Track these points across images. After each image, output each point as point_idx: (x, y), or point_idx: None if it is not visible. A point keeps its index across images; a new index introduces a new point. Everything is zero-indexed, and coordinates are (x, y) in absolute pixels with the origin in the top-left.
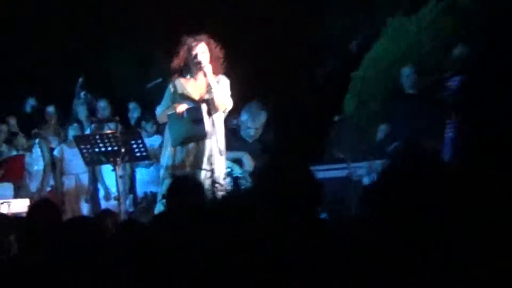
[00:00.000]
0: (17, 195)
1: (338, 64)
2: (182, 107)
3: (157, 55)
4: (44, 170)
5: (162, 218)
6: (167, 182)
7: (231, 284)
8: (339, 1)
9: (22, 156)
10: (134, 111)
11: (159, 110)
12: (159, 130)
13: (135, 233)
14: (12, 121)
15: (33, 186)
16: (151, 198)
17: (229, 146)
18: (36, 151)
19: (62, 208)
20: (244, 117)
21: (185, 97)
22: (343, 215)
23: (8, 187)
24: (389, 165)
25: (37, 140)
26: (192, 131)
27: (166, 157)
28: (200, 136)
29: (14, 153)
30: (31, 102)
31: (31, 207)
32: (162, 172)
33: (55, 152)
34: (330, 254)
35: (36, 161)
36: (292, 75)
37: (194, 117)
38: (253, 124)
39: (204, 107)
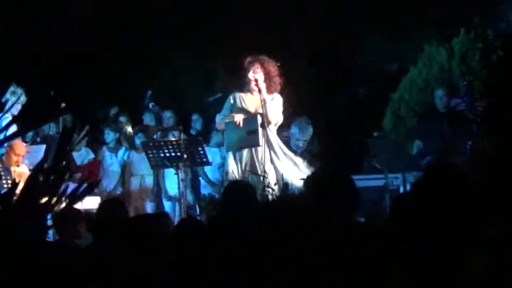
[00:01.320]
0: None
1: (379, 85)
2: (239, 117)
3: (220, 72)
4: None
5: (218, 217)
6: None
7: (277, 278)
8: (381, 27)
9: (98, 160)
10: (196, 122)
11: (218, 118)
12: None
13: (193, 229)
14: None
15: (106, 184)
16: (209, 200)
17: None
18: (121, 154)
19: (128, 206)
20: (294, 130)
21: (242, 109)
22: (378, 221)
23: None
24: (420, 178)
25: (124, 146)
26: (246, 140)
27: (225, 163)
28: (253, 145)
29: (91, 156)
30: (113, 111)
31: (102, 204)
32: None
33: (125, 156)
34: (363, 251)
35: (115, 163)
36: (337, 94)
37: (250, 128)
38: (302, 136)
39: (259, 119)
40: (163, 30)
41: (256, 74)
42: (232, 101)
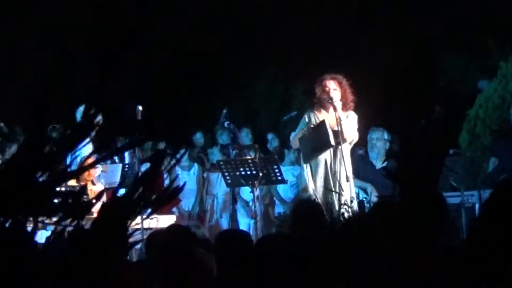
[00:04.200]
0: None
1: (455, 103)
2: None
3: (297, 91)
4: (197, 191)
5: (287, 236)
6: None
7: None
8: (457, 44)
9: (160, 174)
10: (272, 141)
11: (292, 135)
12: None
13: (274, 246)
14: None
15: (184, 203)
16: (283, 218)
17: (358, 175)
18: (194, 171)
19: (203, 225)
20: (369, 136)
21: None
22: (454, 239)
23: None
24: (491, 197)
25: (196, 163)
26: (316, 141)
27: (300, 180)
28: (324, 144)
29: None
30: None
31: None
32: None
33: (204, 174)
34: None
35: (191, 180)
36: (413, 111)
37: (319, 130)
38: (374, 134)
39: (327, 121)
40: (243, 50)
41: (332, 92)
42: (307, 120)
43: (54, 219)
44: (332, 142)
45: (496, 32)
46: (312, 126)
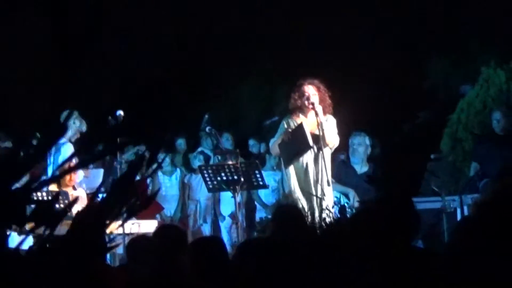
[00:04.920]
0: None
1: (438, 108)
2: (286, 133)
3: (277, 96)
4: (179, 196)
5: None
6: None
7: None
8: (440, 52)
9: (144, 179)
10: (253, 147)
11: (271, 142)
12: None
13: (252, 252)
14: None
15: (167, 209)
16: (265, 223)
17: (340, 180)
18: (176, 177)
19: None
20: (351, 140)
21: None
22: (436, 243)
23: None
24: (480, 201)
25: (178, 168)
26: (296, 146)
27: (281, 185)
28: (304, 147)
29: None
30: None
31: (159, 230)
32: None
33: (186, 179)
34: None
35: (173, 186)
36: (396, 116)
37: (297, 134)
38: (355, 139)
39: (305, 125)
40: (228, 55)
41: (312, 97)
42: (286, 126)
43: (27, 227)
44: (311, 143)
45: (479, 36)
46: (290, 130)
